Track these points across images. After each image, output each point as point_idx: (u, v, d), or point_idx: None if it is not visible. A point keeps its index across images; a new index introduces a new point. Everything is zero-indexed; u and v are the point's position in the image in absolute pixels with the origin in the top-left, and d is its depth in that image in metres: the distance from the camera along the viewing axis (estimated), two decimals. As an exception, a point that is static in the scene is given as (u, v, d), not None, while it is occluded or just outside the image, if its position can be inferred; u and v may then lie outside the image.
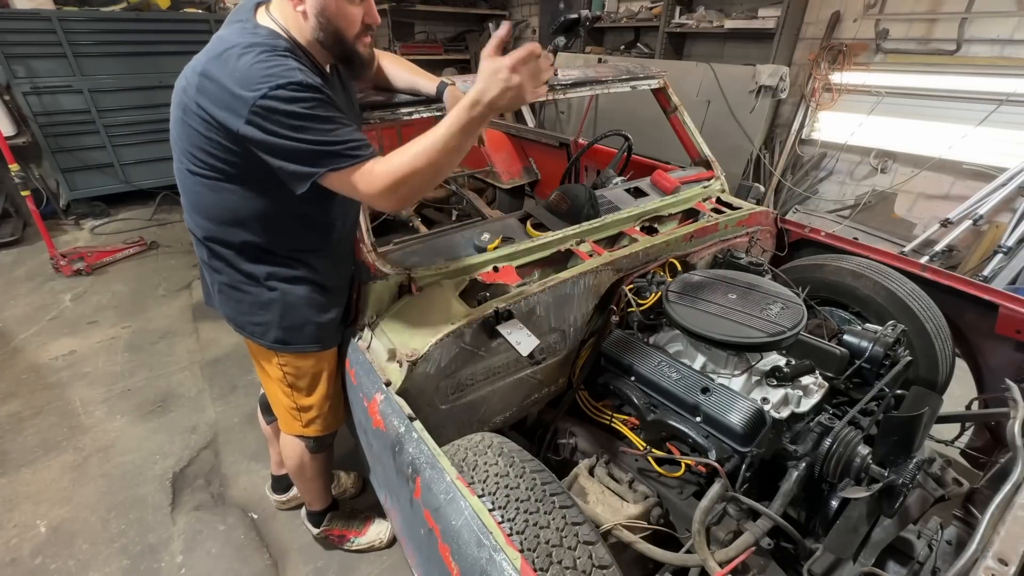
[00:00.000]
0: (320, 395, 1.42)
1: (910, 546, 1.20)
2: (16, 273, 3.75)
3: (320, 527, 1.80)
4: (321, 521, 1.79)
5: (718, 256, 1.82)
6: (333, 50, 1.11)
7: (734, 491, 1.15)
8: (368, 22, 1.11)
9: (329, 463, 1.69)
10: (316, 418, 1.45)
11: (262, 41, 1.02)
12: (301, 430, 1.48)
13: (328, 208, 1.24)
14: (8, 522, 1.95)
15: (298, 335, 1.31)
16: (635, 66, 2.12)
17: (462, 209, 3.16)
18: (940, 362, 1.58)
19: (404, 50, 6.40)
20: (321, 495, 1.76)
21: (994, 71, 3.16)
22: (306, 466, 1.60)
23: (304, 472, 1.63)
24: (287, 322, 1.29)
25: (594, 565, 0.87)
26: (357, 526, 1.83)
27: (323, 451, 1.59)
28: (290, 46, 1.05)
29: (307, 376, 1.39)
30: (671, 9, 4.57)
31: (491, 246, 1.53)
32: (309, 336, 1.33)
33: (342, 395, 1.50)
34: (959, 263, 3.38)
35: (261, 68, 0.97)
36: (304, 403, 1.43)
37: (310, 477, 1.65)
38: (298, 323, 1.30)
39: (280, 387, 1.41)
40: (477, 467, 1.03)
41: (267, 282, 1.25)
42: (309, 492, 1.74)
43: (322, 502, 1.78)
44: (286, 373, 1.37)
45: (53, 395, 2.58)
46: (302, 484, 1.71)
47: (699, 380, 1.28)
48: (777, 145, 4.25)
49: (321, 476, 1.68)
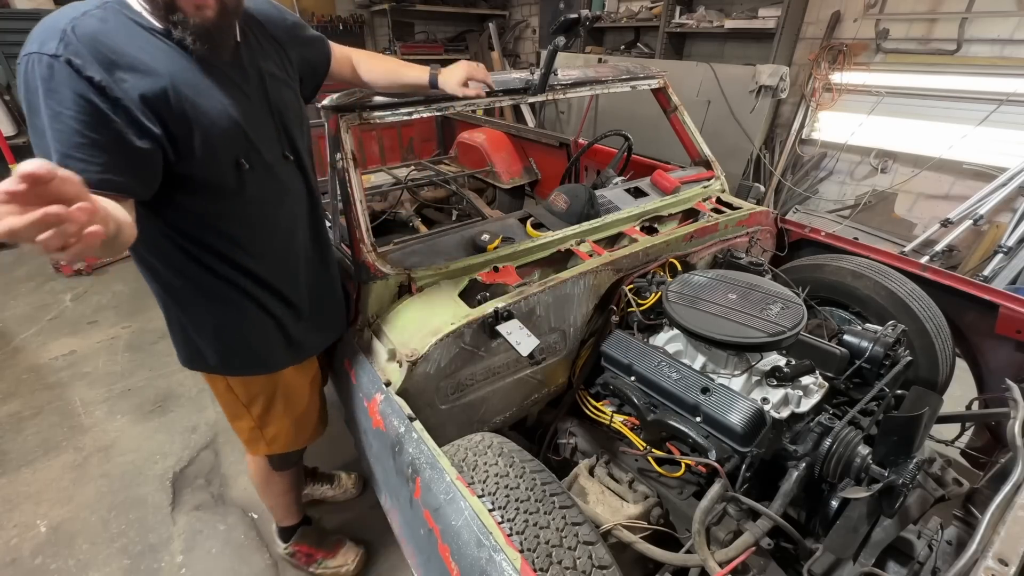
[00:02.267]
0: (279, 414, 1.34)
1: (910, 546, 1.20)
2: (16, 273, 3.75)
3: (288, 542, 1.74)
4: (290, 537, 1.74)
5: (718, 256, 1.82)
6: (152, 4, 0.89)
7: (734, 491, 1.15)
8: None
9: (298, 478, 1.65)
10: (278, 435, 1.38)
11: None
12: (265, 449, 1.40)
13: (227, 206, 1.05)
14: (8, 522, 1.95)
15: (236, 359, 1.21)
16: (635, 66, 2.12)
17: (462, 209, 3.16)
18: (940, 362, 1.58)
19: (404, 50, 6.40)
20: (290, 511, 1.70)
21: (994, 71, 3.16)
22: (272, 482, 1.55)
23: (270, 488, 1.58)
24: (220, 345, 1.18)
25: (594, 565, 0.87)
26: (327, 547, 1.76)
27: (288, 468, 1.54)
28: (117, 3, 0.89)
29: (261, 396, 1.30)
30: (671, 9, 4.56)
31: (491, 246, 1.53)
32: (248, 360, 1.22)
33: (317, 407, 1.45)
34: (959, 263, 3.38)
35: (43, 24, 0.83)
36: (263, 422, 1.34)
37: (277, 493, 1.61)
38: (234, 346, 1.19)
39: (234, 409, 1.32)
40: (477, 467, 1.03)
41: (191, 300, 1.13)
42: (277, 508, 1.68)
43: (292, 518, 1.72)
44: (238, 395, 1.29)
45: (53, 395, 2.58)
46: (269, 500, 1.65)
47: (699, 380, 1.28)
48: (777, 145, 4.25)
49: (289, 492, 1.63)
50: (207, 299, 1.12)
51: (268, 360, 1.25)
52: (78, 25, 0.83)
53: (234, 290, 1.12)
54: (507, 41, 6.98)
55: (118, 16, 0.88)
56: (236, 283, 1.12)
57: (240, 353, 1.20)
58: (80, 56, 0.81)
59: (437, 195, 3.24)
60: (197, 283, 1.09)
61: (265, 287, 1.16)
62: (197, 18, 0.90)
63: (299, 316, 1.25)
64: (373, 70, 1.41)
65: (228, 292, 1.12)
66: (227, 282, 1.11)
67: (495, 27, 6.76)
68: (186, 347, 1.20)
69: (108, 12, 0.87)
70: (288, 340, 1.25)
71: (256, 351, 1.21)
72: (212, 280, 1.10)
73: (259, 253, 1.13)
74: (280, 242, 1.17)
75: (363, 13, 6.53)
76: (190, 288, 1.10)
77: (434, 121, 4.01)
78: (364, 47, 6.49)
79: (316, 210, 1.28)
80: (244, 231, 1.09)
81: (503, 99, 1.68)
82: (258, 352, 1.22)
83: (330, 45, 1.35)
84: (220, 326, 1.16)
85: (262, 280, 1.15)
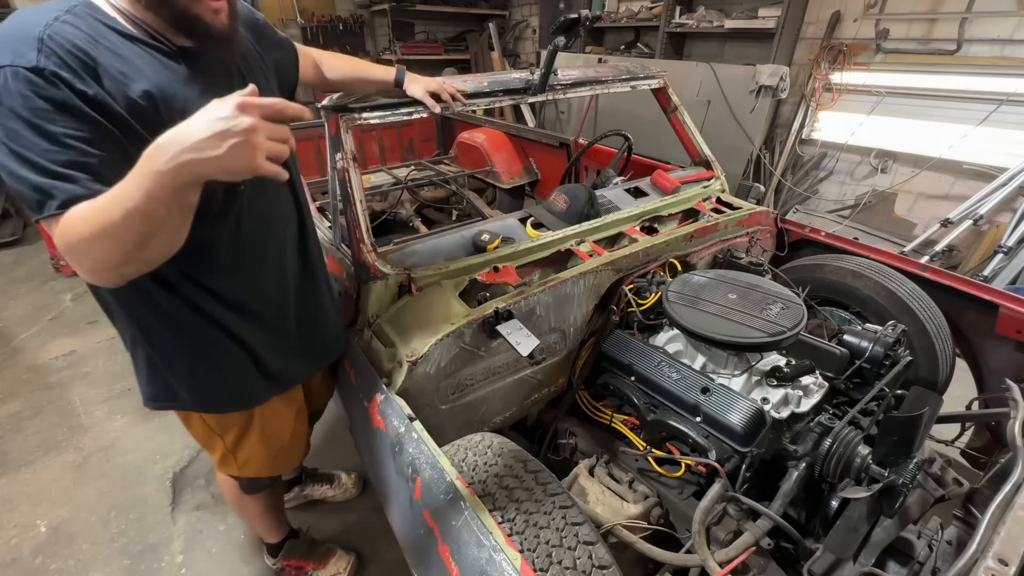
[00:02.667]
0: (253, 442, 1.27)
1: (910, 546, 1.20)
2: (16, 273, 3.75)
3: (276, 557, 1.70)
4: (278, 552, 1.69)
5: (718, 256, 1.82)
6: (160, 14, 0.84)
7: (734, 491, 1.15)
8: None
9: (274, 498, 1.60)
10: (251, 460, 1.30)
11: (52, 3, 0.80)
12: (236, 471, 1.32)
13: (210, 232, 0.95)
14: (8, 522, 1.95)
15: (210, 396, 1.14)
16: (635, 66, 2.12)
17: (462, 209, 3.16)
18: (940, 362, 1.58)
19: (404, 50, 6.41)
20: (272, 529, 1.64)
21: (994, 71, 3.16)
22: (245, 503, 1.49)
23: (244, 509, 1.53)
24: (194, 382, 1.10)
25: (594, 565, 0.87)
26: (317, 558, 1.72)
27: (260, 491, 1.47)
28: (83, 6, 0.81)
29: (235, 427, 1.23)
30: (671, 9, 4.56)
31: (491, 246, 1.53)
32: (224, 398, 1.16)
33: (298, 436, 1.39)
34: (959, 263, 3.38)
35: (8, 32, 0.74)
36: (236, 448, 1.27)
37: (252, 515, 1.56)
38: (210, 383, 1.11)
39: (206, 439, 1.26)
40: (477, 467, 1.03)
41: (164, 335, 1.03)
42: (257, 528, 1.64)
43: (275, 535, 1.67)
44: (211, 426, 1.22)
45: (53, 395, 2.58)
46: (246, 520, 1.60)
47: (699, 380, 1.28)
48: (777, 145, 4.25)
49: (265, 513, 1.57)
50: (182, 335, 1.03)
51: (244, 396, 1.18)
52: (55, 33, 0.75)
53: (213, 325, 1.05)
54: (507, 41, 6.98)
55: (90, 21, 0.80)
56: (215, 317, 1.04)
57: (216, 390, 1.13)
58: (65, 68, 0.73)
59: (437, 195, 3.24)
60: (172, 317, 1.00)
61: (247, 318, 1.09)
62: (216, 24, 0.86)
63: (283, 346, 1.19)
64: (337, 67, 1.37)
65: (206, 328, 1.04)
66: (205, 316, 1.03)
67: (495, 27, 6.76)
68: (152, 384, 1.12)
69: (79, 17, 0.79)
70: (267, 374, 1.18)
71: (232, 388, 1.15)
72: (189, 315, 1.01)
73: (243, 282, 1.05)
74: (266, 270, 1.10)
75: (363, 13, 6.53)
76: (163, 322, 1.01)
77: (434, 121, 4.02)
78: (364, 47, 6.54)
79: (306, 233, 1.21)
80: (227, 259, 1.00)
81: (503, 99, 1.68)
82: (235, 389, 1.15)
83: (296, 47, 1.28)
84: (195, 363, 1.08)
85: (244, 310, 1.08)
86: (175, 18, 0.84)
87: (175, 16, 0.83)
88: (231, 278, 1.03)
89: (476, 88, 1.62)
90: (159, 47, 0.86)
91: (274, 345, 1.17)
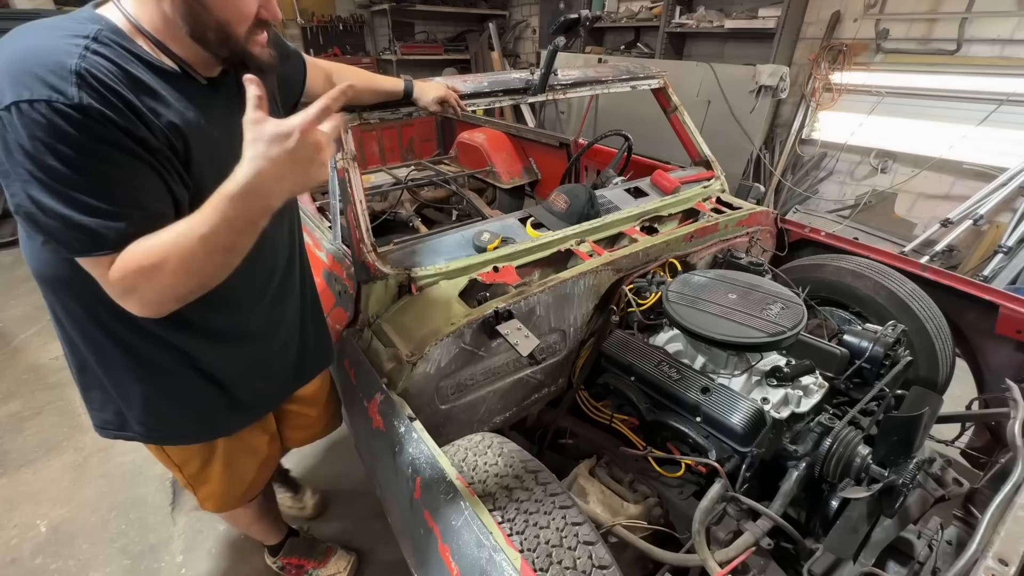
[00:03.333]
0: (215, 476, 1.22)
1: (910, 546, 1.20)
2: (16, 273, 3.75)
3: (277, 556, 1.70)
4: (279, 551, 1.69)
5: (718, 256, 1.82)
6: (219, 53, 0.83)
7: (734, 491, 1.15)
8: (265, 16, 0.85)
9: (267, 501, 1.57)
10: (212, 495, 1.26)
11: (63, 24, 0.75)
12: (200, 502, 1.29)
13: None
14: (8, 522, 1.95)
15: (166, 430, 1.08)
16: (635, 66, 2.12)
17: (462, 209, 3.16)
18: (940, 362, 1.58)
19: (404, 50, 6.40)
20: (269, 533, 1.63)
21: (994, 71, 3.16)
22: (237, 515, 1.46)
23: (238, 520, 1.52)
24: (148, 416, 1.04)
25: (594, 565, 0.87)
26: (318, 556, 1.71)
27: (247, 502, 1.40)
28: (107, 33, 0.76)
29: (196, 459, 1.18)
30: (671, 9, 4.56)
31: (491, 246, 1.53)
32: (180, 431, 1.09)
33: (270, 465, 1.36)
34: (959, 263, 3.38)
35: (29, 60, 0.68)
36: (196, 481, 1.23)
37: (247, 524, 1.55)
38: (165, 417, 1.05)
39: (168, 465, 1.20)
40: (477, 467, 1.03)
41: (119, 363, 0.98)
42: (255, 534, 1.63)
43: (274, 537, 1.66)
44: (169, 455, 1.17)
45: (53, 395, 2.58)
46: (242, 530, 1.59)
47: (699, 380, 1.28)
48: (777, 145, 4.25)
49: (260, 519, 1.55)
50: (140, 364, 0.98)
51: (206, 429, 1.13)
52: (91, 67, 0.70)
53: (177, 356, 0.99)
54: (507, 41, 6.98)
55: (120, 52, 0.76)
56: (182, 348, 0.99)
57: (171, 424, 1.07)
58: (108, 105, 0.70)
59: (437, 195, 3.24)
60: (129, 345, 0.95)
61: (224, 349, 1.04)
62: (264, 57, 0.86)
63: (259, 376, 1.15)
64: (347, 79, 1.35)
65: (167, 358, 0.99)
66: (169, 347, 0.98)
67: (495, 27, 6.76)
68: (103, 411, 1.06)
69: (108, 47, 0.75)
70: (236, 406, 1.12)
71: (192, 421, 1.09)
72: (150, 344, 0.96)
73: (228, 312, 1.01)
74: (254, 300, 1.06)
75: (363, 13, 6.53)
76: (120, 350, 0.96)
77: (434, 121, 4.02)
78: (364, 47, 6.54)
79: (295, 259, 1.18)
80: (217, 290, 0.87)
81: (503, 99, 1.68)
82: (194, 422, 1.10)
83: (305, 59, 1.26)
84: (151, 396, 1.02)
85: (223, 340, 1.03)
86: (233, 56, 0.84)
87: (234, 55, 0.84)
88: (215, 309, 0.98)
89: (476, 88, 1.62)
90: (191, 80, 0.85)
91: (249, 376, 1.12)
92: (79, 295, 0.90)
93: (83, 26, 0.75)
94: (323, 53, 6.13)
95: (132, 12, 0.79)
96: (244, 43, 0.83)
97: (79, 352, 1.00)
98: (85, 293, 0.87)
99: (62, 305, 0.94)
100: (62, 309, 0.94)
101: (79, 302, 0.91)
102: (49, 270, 0.89)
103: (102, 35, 0.75)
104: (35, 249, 0.87)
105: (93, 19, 0.77)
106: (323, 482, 2.08)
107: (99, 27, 0.76)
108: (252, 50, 0.85)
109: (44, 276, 0.91)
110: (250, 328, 1.09)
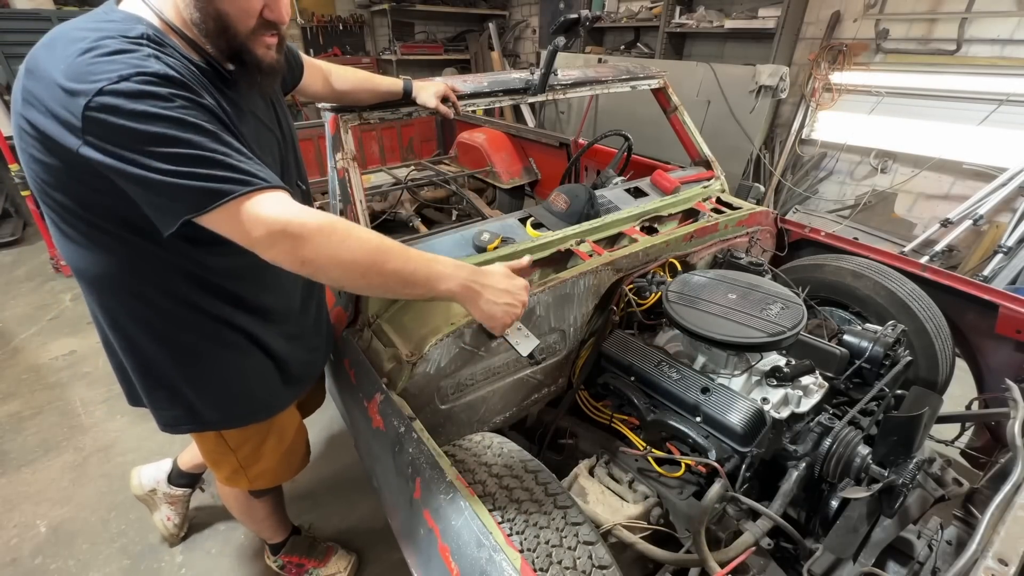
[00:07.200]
0: (268, 453, 1.28)
1: (910, 546, 1.20)
2: (16, 273, 3.75)
3: (278, 554, 1.69)
4: (280, 550, 1.69)
5: (718, 256, 1.82)
6: (217, 44, 0.85)
7: (734, 491, 1.15)
8: (270, 17, 0.86)
9: (280, 496, 1.59)
10: (264, 472, 1.32)
11: (108, 27, 0.78)
12: (247, 485, 1.33)
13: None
14: (8, 522, 1.95)
15: (241, 410, 1.14)
16: (635, 66, 2.12)
17: (462, 209, 3.17)
18: (940, 362, 1.58)
19: (404, 50, 6.40)
20: (276, 529, 1.64)
21: (994, 71, 3.16)
22: (253, 508, 1.50)
23: (252, 515, 1.54)
24: (225, 398, 1.10)
25: (594, 565, 0.87)
26: (318, 556, 1.72)
27: (271, 493, 1.49)
28: (152, 33, 0.80)
29: (254, 438, 1.24)
30: (671, 9, 4.57)
31: (491, 246, 1.53)
32: (253, 408, 1.16)
33: (304, 440, 1.43)
34: (959, 263, 3.38)
35: (99, 57, 0.72)
36: (248, 462, 1.27)
37: (259, 518, 1.56)
38: (239, 396, 1.12)
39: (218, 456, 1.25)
40: (477, 467, 1.03)
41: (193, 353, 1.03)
42: (262, 531, 1.64)
43: (280, 534, 1.66)
44: (227, 441, 1.22)
45: (53, 395, 2.58)
46: (251, 525, 1.60)
47: (699, 380, 1.28)
48: (777, 145, 4.25)
49: (272, 514, 1.57)
50: (213, 345, 1.04)
51: (271, 403, 1.20)
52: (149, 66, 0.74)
53: (240, 335, 1.06)
54: (507, 41, 6.98)
55: (167, 51, 0.80)
56: (242, 327, 1.05)
57: (244, 403, 1.14)
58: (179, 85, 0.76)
59: (437, 195, 3.24)
60: (202, 332, 1.01)
61: (271, 324, 1.11)
62: (267, 59, 0.90)
63: (302, 349, 1.23)
64: (345, 79, 1.39)
65: (236, 338, 1.06)
66: (232, 327, 1.04)
67: (495, 27, 6.77)
68: (172, 408, 1.09)
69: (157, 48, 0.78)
70: (289, 379, 1.20)
71: (260, 398, 1.17)
72: (218, 326, 1.02)
73: (270, 289, 1.09)
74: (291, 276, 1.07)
75: (363, 13, 6.53)
76: (194, 339, 1.01)
77: (434, 121, 4.02)
78: (364, 47, 6.54)
79: None
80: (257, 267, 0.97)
81: (503, 99, 1.68)
82: (262, 399, 1.17)
83: (304, 59, 1.29)
84: (225, 378, 1.08)
85: (269, 317, 1.10)
86: (231, 50, 0.87)
87: (232, 49, 0.87)
88: (268, 290, 1.08)
89: (476, 88, 1.62)
90: (218, 73, 0.89)
91: (295, 349, 1.20)
92: (140, 294, 0.94)
93: (126, 26, 0.79)
94: (323, 53, 6.14)
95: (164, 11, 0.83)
96: (244, 39, 0.86)
97: (140, 355, 1.02)
98: (149, 290, 0.93)
99: (125, 309, 0.96)
100: (125, 314, 0.97)
101: (140, 301, 0.95)
102: (112, 273, 0.91)
103: (148, 36, 0.79)
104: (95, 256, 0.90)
105: (130, 19, 0.81)
106: (323, 482, 2.08)
107: (143, 28, 0.79)
108: (256, 50, 0.88)
109: (106, 283, 0.94)
110: (292, 306, 1.17)
